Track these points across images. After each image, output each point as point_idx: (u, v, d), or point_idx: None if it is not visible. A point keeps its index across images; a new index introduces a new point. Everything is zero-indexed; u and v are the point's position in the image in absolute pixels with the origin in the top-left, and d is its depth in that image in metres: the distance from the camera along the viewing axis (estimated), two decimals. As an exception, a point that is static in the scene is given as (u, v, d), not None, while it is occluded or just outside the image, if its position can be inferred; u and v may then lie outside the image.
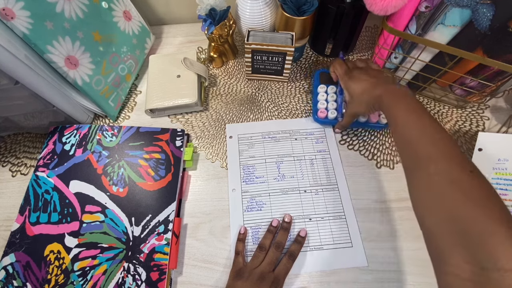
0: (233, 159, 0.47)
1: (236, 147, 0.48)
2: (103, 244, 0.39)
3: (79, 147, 0.46)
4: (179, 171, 0.44)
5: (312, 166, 0.46)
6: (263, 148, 0.48)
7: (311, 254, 0.40)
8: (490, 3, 0.34)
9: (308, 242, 0.41)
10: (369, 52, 0.58)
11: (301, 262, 0.39)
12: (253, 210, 0.43)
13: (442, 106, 0.51)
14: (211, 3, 0.46)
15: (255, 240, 0.41)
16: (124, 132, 0.47)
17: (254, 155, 0.47)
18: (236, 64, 0.58)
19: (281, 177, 0.46)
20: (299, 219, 0.42)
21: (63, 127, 0.48)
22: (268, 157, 0.47)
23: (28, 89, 0.39)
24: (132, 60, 0.53)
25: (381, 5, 0.39)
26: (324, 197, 0.44)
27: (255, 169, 0.46)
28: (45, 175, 0.44)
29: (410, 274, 0.38)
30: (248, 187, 0.45)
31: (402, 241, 0.40)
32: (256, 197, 0.44)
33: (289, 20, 0.47)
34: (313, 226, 0.42)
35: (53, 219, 0.41)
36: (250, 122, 0.51)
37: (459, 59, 0.40)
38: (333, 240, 0.41)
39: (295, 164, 0.46)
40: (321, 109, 0.48)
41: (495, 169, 0.43)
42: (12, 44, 0.35)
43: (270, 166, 0.47)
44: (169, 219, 0.41)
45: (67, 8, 0.40)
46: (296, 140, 0.49)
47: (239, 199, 0.44)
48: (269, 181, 0.45)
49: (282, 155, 0.47)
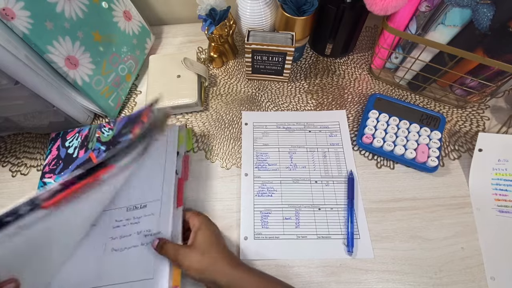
0: (248, 145, 0.48)
1: (251, 134, 0.49)
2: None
3: (81, 149, 0.46)
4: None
5: (325, 159, 0.47)
6: (277, 137, 0.49)
7: (317, 242, 0.41)
8: (490, 3, 0.34)
9: (316, 231, 0.41)
10: (369, 52, 0.58)
11: (307, 249, 0.40)
12: (264, 195, 0.44)
13: (442, 106, 0.51)
14: (211, 3, 0.46)
15: (264, 224, 0.42)
16: (118, 123, 0.47)
17: (268, 143, 0.48)
18: (236, 64, 0.58)
19: (293, 167, 0.46)
20: (309, 208, 0.43)
21: (65, 132, 0.48)
22: (282, 146, 0.48)
23: (28, 89, 0.39)
24: (132, 60, 0.53)
25: (381, 5, 0.39)
26: (334, 189, 0.44)
27: (268, 156, 0.47)
28: (52, 180, 0.44)
29: (405, 274, 0.38)
30: (260, 173, 0.46)
31: (398, 241, 0.40)
32: (267, 183, 0.45)
33: (289, 20, 0.47)
34: (322, 215, 0.43)
35: None
36: (264, 111, 0.52)
37: (459, 59, 0.40)
38: (341, 231, 0.41)
39: (308, 155, 0.47)
40: (367, 134, 0.47)
41: (495, 169, 0.43)
42: (12, 44, 0.35)
43: (283, 155, 0.47)
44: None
45: (67, 8, 0.40)
46: (310, 132, 0.49)
47: (250, 184, 0.45)
48: (281, 170, 0.46)
49: (296, 146, 0.48)
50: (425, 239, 0.40)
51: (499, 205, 0.42)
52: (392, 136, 0.46)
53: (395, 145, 0.45)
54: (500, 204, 0.42)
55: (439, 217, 0.42)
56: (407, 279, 0.38)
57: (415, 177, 0.45)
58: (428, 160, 0.43)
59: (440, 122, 0.46)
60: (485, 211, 0.42)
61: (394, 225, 0.41)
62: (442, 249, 0.39)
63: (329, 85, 0.55)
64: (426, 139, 0.45)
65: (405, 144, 0.45)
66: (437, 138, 0.45)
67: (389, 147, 0.45)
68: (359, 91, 0.54)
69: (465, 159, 0.46)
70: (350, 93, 0.53)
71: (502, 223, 0.41)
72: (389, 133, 0.46)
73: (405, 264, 0.39)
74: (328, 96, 0.53)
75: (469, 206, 0.42)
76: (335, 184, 0.45)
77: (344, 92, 0.54)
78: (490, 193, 0.42)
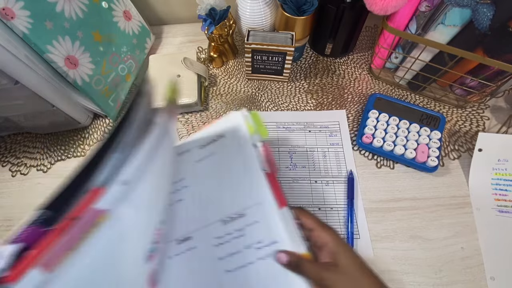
0: None
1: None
2: None
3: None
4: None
5: (324, 158, 0.47)
6: (277, 137, 0.49)
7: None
8: (490, 3, 0.34)
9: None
10: (369, 52, 0.58)
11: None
12: None
13: (442, 106, 0.51)
14: (211, 3, 0.46)
15: None
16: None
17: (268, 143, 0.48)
18: (236, 64, 0.58)
19: (293, 166, 0.46)
20: (309, 208, 0.43)
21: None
22: (282, 146, 0.48)
23: (28, 89, 0.39)
24: (132, 60, 0.53)
25: (381, 5, 0.39)
26: (334, 189, 0.44)
27: None
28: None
29: (405, 274, 0.38)
30: None
31: (398, 241, 0.40)
32: None
33: (289, 20, 0.47)
34: (322, 215, 0.43)
35: None
36: (264, 111, 0.52)
37: (459, 59, 0.40)
38: (341, 231, 0.41)
39: (308, 155, 0.47)
40: (367, 134, 0.46)
41: (495, 169, 0.43)
42: (12, 44, 0.35)
43: (283, 155, 0.48)
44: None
45: (67, 8, 0.40)
46: (309, 132, 0.49)
47: None
48: (281, 169, 0.46)
49: (295, 146, 0.48)
50: (425, 239, 0.40)
51: (499, 205, 0.42)
52: (392, 136, 0.46)
53: (395, 145, 0.45)
54: (500, 204, 0.42)
55: (439, 217, 0.42)
56: (407, 279, 0.38)
57: (415, 177, 0.45)
58: (428, 160, 0.43)
59: (440, 122, 0.46)
60: (485, 211, 0.42)
61: (394, 225, 0.41)
62: (442, 249, 0.39)
63: (329, 85, 0.55)
64: (426, 139, 0.45)
65: (405, 144, 0.45)
66: (437, 138, 0.45)
67: (389, 147, 0.45)
68: (359, 91, 0.54)
69: (465, 159, 0.46)
70: (350, 93, 0.53)
71: (502, 223, 0.41)
72: (389, 133, 0.46)
73: (405, 264, 0.39)
74: (328, 96, 0.53)
75: (469, 206, 0.42)
76: (335, 184, 0.45)
77: (344, 92, 0.54)
78: (490, 193, 0.42)
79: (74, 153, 0.49)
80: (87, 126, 0.51)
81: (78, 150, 0.50)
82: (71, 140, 0.50)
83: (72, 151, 0.50)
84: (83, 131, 0.51)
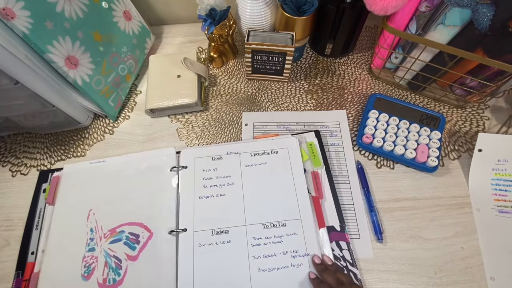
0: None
1: (251, 135, 0.49)
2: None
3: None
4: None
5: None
6: None
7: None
8: (490, 3, 0.34)
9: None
10: (369, 52, 0.58)
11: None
12: None
13: (442, 106, 0.51)
14: (211, 3, 0.46)
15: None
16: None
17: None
18: (236, 64, 0.58)
19: None
20: None
21: None
22: None
23: (28, 89, 0.39)
24: (132, 60, 0.53)
25: (381, 5, 0.39)
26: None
27: None
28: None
29: (405, 274, 0.38)
30: None
31: (398, 241, 0.40)
32: None
33: (289, 20, 0.47)
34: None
35: None
36: (264, 111, 0.52)
37: (459, 59, 0.40)
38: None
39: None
40: (367, 134, 0.46)
41: (494, 169, 0.43)
42: (12, 44, 0.35)
43: None
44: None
45: (67, 8, 0.40)
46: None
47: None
48: None
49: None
50: (425, 239, 0.40)
51: (499, 205, 0.42)
52: (392, 136, 0.46)
53: (395, 145, 0.45)
54: (500, 204, 0.42)
55: (439, 217, 0.42)
56: (407, 279, 0.38)
57: (415, 177, 0.45)
58: (428, 160, 0.43)
59: (440, 122, 0.46)
60: (485, 211, 0.42)
61: (394, 225, 0.41)
62: (442, 249, 0.40)
63: (329, 85, 0.55)
64: (426, 139, 0.45)
65: (405, 144, 0.45)
66: (437, 138, 0.45)
67: (389, 147, 0.45)
68: (359, 91, 0.54)
69: (465, 159, 0.46)
70: (350, 93, 0.54)
71: (501, 223, 0.41)
72: (389, 133, 0.46)
73: (405, 264, 0.39)
74: (328, 96, 0.53)
75: (469, 206, 0.42)
76: (335, 184, 0.44)
77: (344, 92, 0.54)
78: (489, 193, 0.43)
79: (74, 153, 0.49)
80: (87, 126, 0.51)
81: (78, 150, 0.50)
82: (71, 140, 0.51)
83: (72, 151, 0.50)
84: (83, 131, 0.51)
